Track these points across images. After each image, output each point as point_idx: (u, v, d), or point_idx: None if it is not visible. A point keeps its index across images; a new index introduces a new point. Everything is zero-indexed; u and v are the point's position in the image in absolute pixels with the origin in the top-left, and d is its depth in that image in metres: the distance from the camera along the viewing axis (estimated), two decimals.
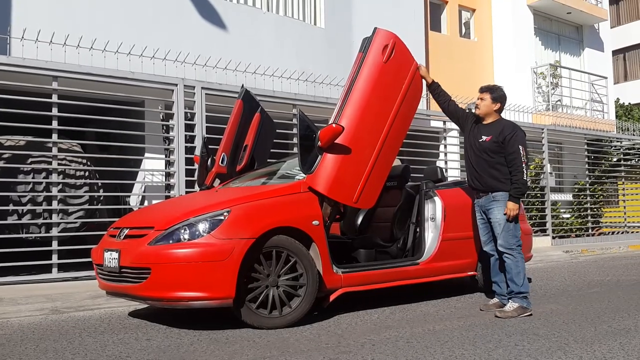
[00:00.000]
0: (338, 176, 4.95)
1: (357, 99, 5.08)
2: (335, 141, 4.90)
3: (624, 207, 14.57)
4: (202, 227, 4.40)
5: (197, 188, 6.84)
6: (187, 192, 7.45)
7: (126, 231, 4.80)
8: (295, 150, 8.64)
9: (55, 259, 6.83)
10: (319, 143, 4.89)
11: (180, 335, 4.31)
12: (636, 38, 26.12)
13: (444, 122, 11.07)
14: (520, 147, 4.97)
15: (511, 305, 4.91)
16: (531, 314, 4.89)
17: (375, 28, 5.30)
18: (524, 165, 4.95)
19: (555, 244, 12.25)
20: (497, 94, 5.18)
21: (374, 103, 5.13)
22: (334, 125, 4.85)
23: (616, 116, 20.45)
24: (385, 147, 5.20)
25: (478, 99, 5.23)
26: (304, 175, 5.23)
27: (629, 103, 24.47)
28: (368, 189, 5.11)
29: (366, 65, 5.15)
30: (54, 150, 6.97)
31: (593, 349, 3.68)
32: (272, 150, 6.83)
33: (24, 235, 7.15)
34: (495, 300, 5.24)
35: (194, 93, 7.72)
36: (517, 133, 5.03)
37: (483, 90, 5.26)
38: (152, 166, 8.32)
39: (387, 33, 5.27)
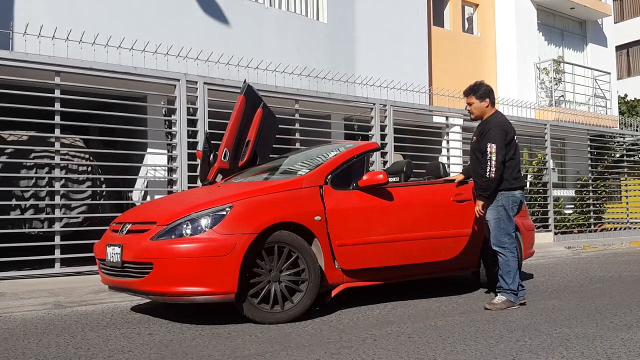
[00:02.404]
0: (347, 214, 4.93)
1: (424, 189, 5.62)
2: (374, 194, 5.06)
3: (627, 203, 14.55)
4: (204, 222, 4.41)
5: (199, 183, 6.85)
6: (189, 188, 7.46)
7: (128, 226, 4.81)
8: (304, 145, 8.65)
9: (57, 254, 6.84)
10: (359, 180, 5.04)
11: (182, 330, 4.32)
12: (639, 33, 26.02)
13: (447, 118, 11.04)
14: (490, 145, 4.94)
15: (499, 298, 5.01)
16: (518, 307, 5.00)
17: None
18: (489, 162, 4.93)
19: (557, 239, 12.23)
20: (481, 92, 5.17)
21: (430, 213, 5.42)
22: (381, 175, 5.00)
23: (620, 112, 20.38)
24: (406, 247, 5.19)
25: (467, 104, 5.23)
26: (306, 170, 5.24)
27: (634, 99, 24.40)
28: (359, 251, 4.95)
29: (442, 189, 5.66)
30: (57, 145, 6.98)
31: (595, 345, 3.68)
32: (274, 146, 6.83)
33: (26, 230, 7.16)
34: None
35: (197, 88, 7.72)
36: (489, 131, 5.00)
37: (467, 94, 5.25)
38: (154, 161, 8.33)
39: None
